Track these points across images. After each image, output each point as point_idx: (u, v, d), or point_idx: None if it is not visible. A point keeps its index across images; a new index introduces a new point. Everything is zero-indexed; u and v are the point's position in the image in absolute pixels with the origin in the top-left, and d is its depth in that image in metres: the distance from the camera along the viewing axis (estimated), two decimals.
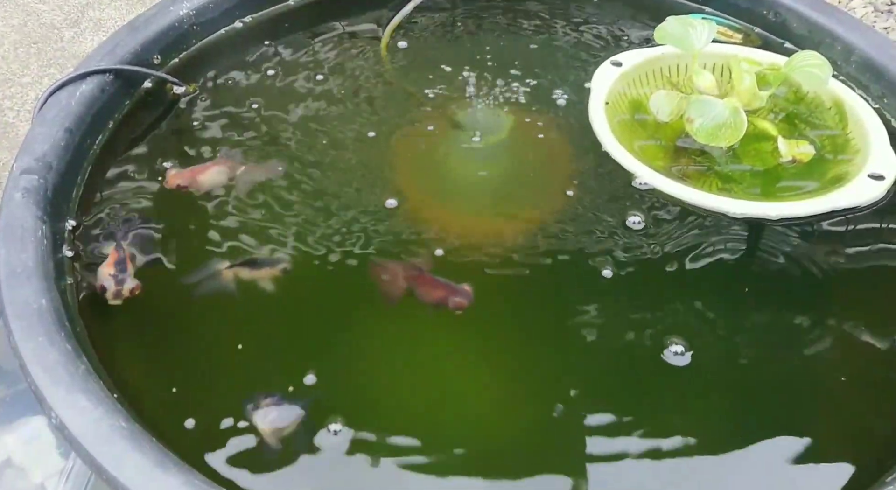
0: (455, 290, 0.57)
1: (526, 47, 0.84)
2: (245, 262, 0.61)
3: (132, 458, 0.45)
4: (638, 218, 0.66)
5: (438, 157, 0.73)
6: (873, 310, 0.61)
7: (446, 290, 0.57)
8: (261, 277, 0.60)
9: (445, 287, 0.57)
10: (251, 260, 0.61)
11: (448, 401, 0.54)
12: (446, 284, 0.57)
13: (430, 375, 0.56)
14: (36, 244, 0.56)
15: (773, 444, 0.51)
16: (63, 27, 1.61)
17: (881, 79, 0.75)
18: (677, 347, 0.56)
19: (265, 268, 0.60)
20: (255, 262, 0.61)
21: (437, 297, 0.57)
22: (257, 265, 0.61)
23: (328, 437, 0.51)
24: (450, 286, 0.57)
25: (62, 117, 0.66)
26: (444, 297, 0.57)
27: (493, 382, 0.55)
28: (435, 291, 0.57)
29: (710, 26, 0.76)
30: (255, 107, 0.76)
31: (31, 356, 0.49)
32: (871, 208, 0.67)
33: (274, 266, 0.61)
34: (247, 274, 0.60)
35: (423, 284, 0.58)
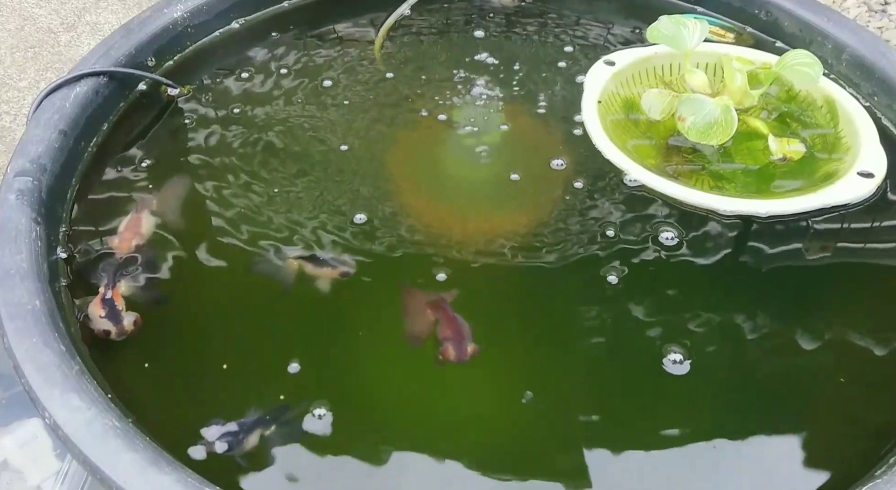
0: (458, 341, 0.55)
1: (519, 47, 0.84)
2: (311, 257, 0.61)
3: (126, 457, 0.45)
4: (633, 215, 0.66)
5: (434, 158, 0.73)
6: (864, 307, 0.61)
7: (453, 335, 0.56)
8: (322, 275, 0.60)
9: (454, 332, 0.56)
10: (316, 256, 0.61)
11: (448, 407, 0.54)
12: (456, 330, 0.56)
13: (436, 381, 0.56)
14: (30, 246, 0.56)
15: (766, 440, 0.52)
16: (60, 31, 1.62)
17: (872, 77, 0.76)
18: (676, 354, 0.55)
19: (327, 268, 0.60)
20: (319, 260, 0.61)
21: (442, 335, 0.56)
22: (321, 263, 0.61)
23: (326, 436, 0.51)
24: (458, 334, 0.56)
25: (57, 119, 0.66)
26: (447, 339, 0.55)
27: (493, 386, 0.55)
28: (445, 330, 0.56)
29: (702, 25, 0.76)
30: (249, 108, 0.76)
31: (25, 357, 0.49)
32: (860, 206, 0.67)
33: (335, 268, 0.60)
34: (311, 269, 0.60)
35: (443, 320, 0.57)
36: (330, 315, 0.59)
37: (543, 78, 0.80)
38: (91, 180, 0.68)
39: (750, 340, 0.58)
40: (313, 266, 0.61)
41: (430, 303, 0.57)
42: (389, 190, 0.69)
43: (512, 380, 0.55)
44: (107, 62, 0.73)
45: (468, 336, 0.56)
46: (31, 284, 0.54)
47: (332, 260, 0.61)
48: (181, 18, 0.80)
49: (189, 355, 0.56)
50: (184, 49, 0.81)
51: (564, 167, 0.71)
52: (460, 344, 0.55)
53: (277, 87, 0.79)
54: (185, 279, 0.61)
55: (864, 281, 0.63)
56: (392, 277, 0.61)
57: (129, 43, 0.75)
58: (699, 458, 0.51)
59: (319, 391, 0.53)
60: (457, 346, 0.55)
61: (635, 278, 0.61)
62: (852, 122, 0.73)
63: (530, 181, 0.70)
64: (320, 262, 0.61)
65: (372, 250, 0.63)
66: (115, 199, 0.67)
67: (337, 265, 0.61)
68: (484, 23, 0.88)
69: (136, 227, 0.63)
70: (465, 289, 0.60)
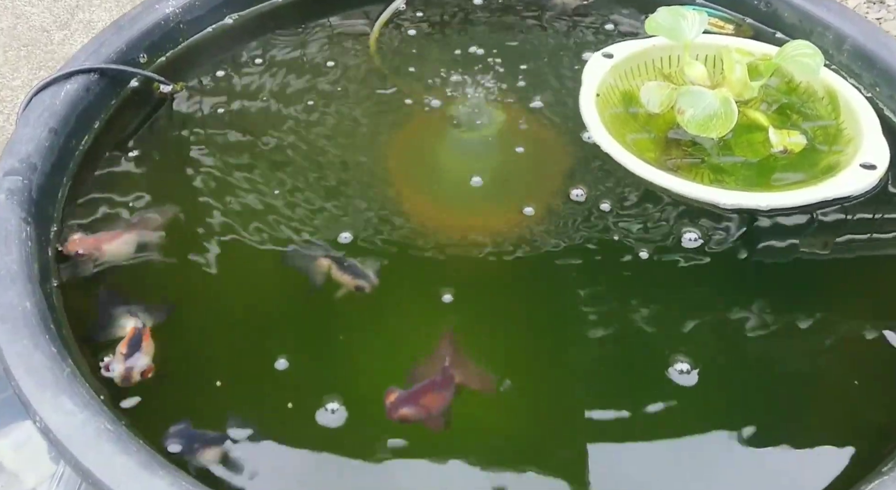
0: (407, 400, 0.51)
1: (516, 39, 0.83)
2: (341, 259, 0.59)
3: (118, 460, 0.44)
4: (634, 210, 0.65)
5: (430, 151, 0.73)
6: (867, 300, 0.60)
7: (413, 395, 0.51)
8: (344, 283, 0.58)
9: (417, 394, 0.51)
10: (342, 260, 0.59)
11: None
12: (421, 395, 0.51)
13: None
14: (20, 246, 0.55)
15: (771, 436, 0.51)
16: (53, 29, 1.60)
17: (873, 67, 0.75)
18: (682, 365, 0.54)
19: (347, 275, 0.58)
20: (343, 265, 0.59)
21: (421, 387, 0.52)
22: (344, 268, 0.59)
23: (323, 436, 0.50)
24: (415, 397, 0.51)
25: (46, 118, 0.65)
26: (416, 392, 0.51)
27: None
28: (423, 389, 0.51)
29: (701, 17, 0.75)
30: (243, 105, 0.75)
31: (16, 359, 0.48)
32: (862, 198, 0.66)
33: (356, 278, 0.58)
34: (337, 273, 0.59)
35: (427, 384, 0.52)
36: (321, 312, 0.58)
37: (542, 70, 0.79)
38: (83, 179, 0.67)
39: (750, 335, 0.57)
40: (337, 268, 0.59)
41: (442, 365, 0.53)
42: (386, 184, 0.68)
43: (517, 382, 0.55)
44: (97, 59, 0.72)
45: (421, 407, 0.51)
46: (22, 286, 0.53)
47: (354, 268, 0.59)
48: (173, 14, 0.79)
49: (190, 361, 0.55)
50: (176, 45, 0.80)
51: (562, 160, 0.70)
52: (404, 402, 0.50)
53: (272, 82, 0.78)
54: (191, 283, 0.60)
55: (869, 274, 0.62)
56: (393, 277, 0.60)
57: (120, 39, 0.74)
58: (702, 457, 0.50)
59: (325, 387, 0.53)
60: (401, 401, 0.50)
61: (629, 271, 0.61)
62: (854, 114, 0.72)
63: (526, 174, 0.70)
64: (343, 267, 0.59)
65: (369, 246, 0.62)
66: (107, 198, 0.66)
67: (356, 275, 0.58)
68: (480, 16, 0.87)
69: (99, 241, 0.60)
70: (468, 287, 0.59)
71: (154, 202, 0.66)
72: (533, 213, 0.65)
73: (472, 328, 0.57)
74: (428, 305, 0.58)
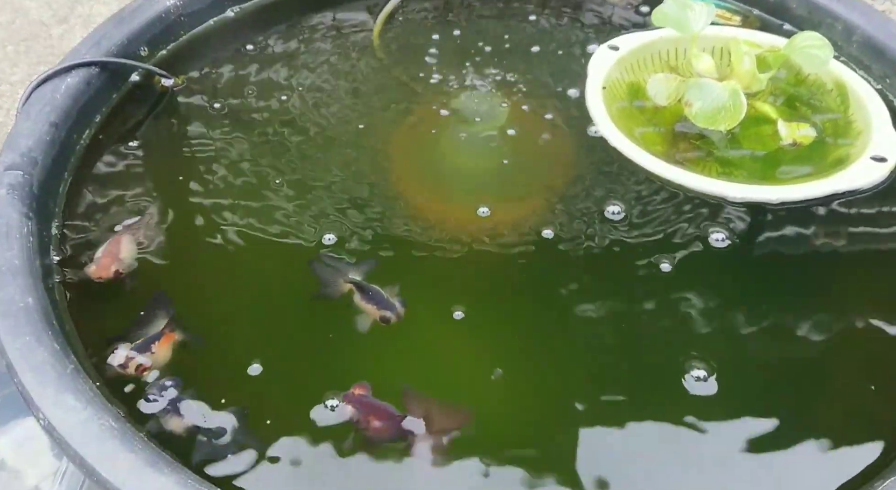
0: (373, 424, 0.50)
1: (521, 32, 0.83)
2: (363, 286, 0.56)
3: (123, 458, 0.44)
4: (636, 206, 0.64)
5: (435, 147, 0.72)
6: (879, 295, 0.59)
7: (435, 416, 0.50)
8: (367, 312, 0.55)
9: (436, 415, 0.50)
10: (367, 288, 0.56)
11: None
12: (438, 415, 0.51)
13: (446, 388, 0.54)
14: (22, 241, 0.55)
15: (783, 435, 0.51)
16: (52, 24, 1.59)
17: (883, 58, 0.74)
18: (693, 365, 0.54)
19: (371, 304, 0.55)
20: (368, 293, 0.55)
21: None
22: (368, 297, 0.55)
23: (323, 435, 0.50)
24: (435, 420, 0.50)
25: (47, 112, 0.65)
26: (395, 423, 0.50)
27: (501, 386, 0.53)
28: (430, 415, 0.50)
29: (708, 8, 0.74)
30: (245, 99, 0.75)
31: (18, 356, 0.48)
32: (873, 191, 0.65)
33: (381, 308, 0.55)
34: (360, 301, 0.55)
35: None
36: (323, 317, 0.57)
37: (547, 63, 0.78)
38: (84, 174, 0.66)
39: (757, 330, 0.56)
40: (361, 296, 0.55)
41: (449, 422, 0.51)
42: (390, 179, 0.67)
43: (522, 381, 0.54)
44: (98, 52, 0.71)
45: (367, 420, 0.50)
46: (24, 281, 0.52)
47: (380, 297, 0.55)
48: (174, 7, 0.78)
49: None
50: (177, 38, 0.79)
51: (568, 154, 0.69)
52: (358, 404, 0.50)
53: (274, 76, 0.77)
54: (195, 282, 0.59)
55: (881, 268, 0.62)
56: (391, 274, 0.59)
57: (120, 32, 0.73)
58: (714, 457, 0.50)
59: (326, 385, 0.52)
60: (357, 402, 0.50)
61: (633, 263, 0.60)
62: (864, 106, 0.71)
63: (533, 169, 0.69)
64: (368, 296, 0.55)
65: (372, 239, 0.61)
66: (109, 193, 0.65)
67: (383, 306, 0.55)
68: (484, 8, 0.86)
69: (114, 252, 0.58)
70: (477, 282, 0.58)
71: (152, 196, 0.65)
72: (539, 211, 0.64)
73: (480, 327, 0.56)
74: (436, 310, 0.58)
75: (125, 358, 0.52)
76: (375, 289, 0.56)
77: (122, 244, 0.59)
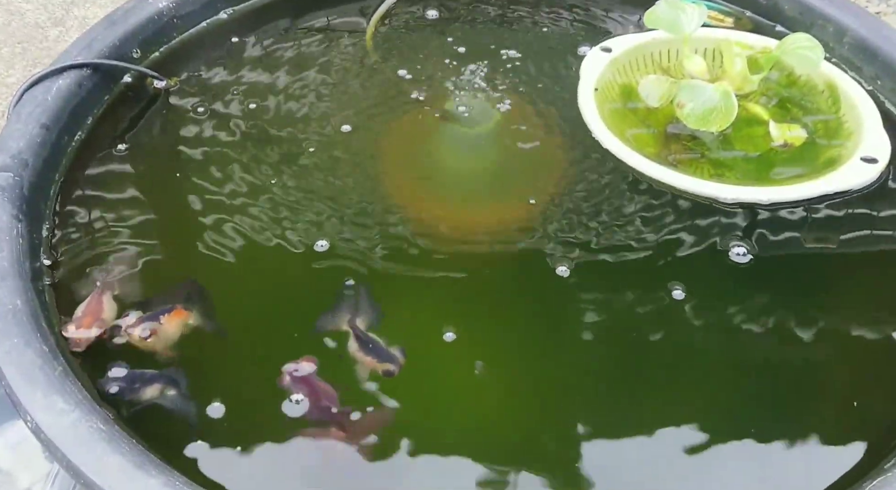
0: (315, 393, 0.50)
1: (514, 33, 0.83)
2: (360, 337, 0.53)
3: (111, 460, 0.44)
4: (630, 208, 0.64)
5: (427, 147, 0.72)
6: (869, 294, 0.59)
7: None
8: (366, 364, 0.52)
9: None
10: (365, 338, 0.53)
11: (448, 412, 0.53)
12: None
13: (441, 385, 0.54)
14: (11, 244, 0.55)
15: (773, 435, 0.51)
16: (48, 26, 1.59)
17: (874, 60, 0.74)
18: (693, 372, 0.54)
19: (372, 356, 0.52)
20: (368, 345, 0.52)
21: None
22: (368, 349, 0.52)
23: (323, 437, 0.50)
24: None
25: (38, 113, 0.64)
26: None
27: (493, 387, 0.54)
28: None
29: (700, 10, 0.75)
30: (238, 100, 0.75)
31: (6, 358, 0.48)
32: (863, 191, 0.65)
33: (383, 361, 0.52)
34: (355, 349, 0.52)
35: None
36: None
37: (540, 64, 0.78)
38: (75, 176, 0.66)
39: (750, 330, 0.56)
40: (358, 347, 0.53)
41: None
42: (381, 181, 0.67)
43: (518, 380, 0.54)
44: (90, 54, 0.71)
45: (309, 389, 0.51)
46: (13, 283, 0.52)
47: (380, 349, 0.52)
48: (167, 8, 0.78)
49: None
50: (170, 40, 0.79)
51: (560, 155, 0.69)
52: (297, 383, 0.51)
53: (267, 77, 0.77)
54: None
55: (871, 268, 0.62)
56: (391, 275, 0.59)
57: (112, 34, 0.73)
58: (703, 444, 0.50)
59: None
60: (296, 381, 0.51)
61: (628, 264, 0.60)
62: (855, 107, 0.71)
63: (525, 170, 0.69)
64: (368, 348, 0.52)
65: (364, 242, 0.61)
66: (101, 195, 0.65)
67: (384, 359, 0.52)
68: (477, 10, 0.86)
69: (97, 312, 0.55)
70: (468, 290, 0.58)
71: (144, 203, 0.65)
72: (534, 214, 0.64)
73: (474, 333, 0.56)
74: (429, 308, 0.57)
75: (134, 320, 0.53)
76: (374, 339, 0.53)
77: (103, 303, 0.55)
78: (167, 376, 0.52)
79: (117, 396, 0.50)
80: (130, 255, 0.60)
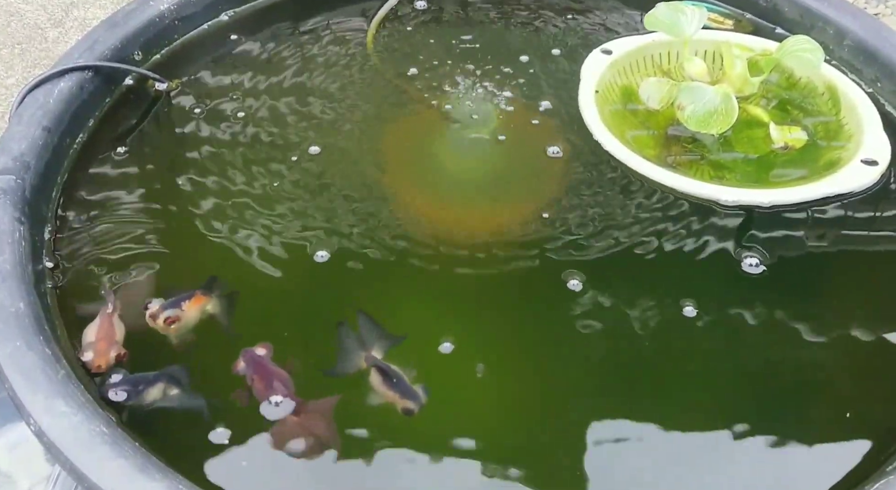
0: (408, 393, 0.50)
1: (514, 36, 0.83)
2: (388, 370, 0.51)
3: (114, 464, 0.44)
4: (630, 211, 0.65)
5: (428, 149, 0.72)
6: (870, 296, 0.60)
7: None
8: (385, 397, 0.50)
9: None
10: (389, 372, 0.51)
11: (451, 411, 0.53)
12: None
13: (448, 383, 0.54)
14: (13, 246, 0.55)
15: (775, 437, 0.51)
16: (47, 27, 1.59)
17: (874, 62, 0.74)
18: (690, 370, 0.54)
19: (393, 391, 0.50)
20: (391, 379, 0.50)
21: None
22: (392, 384, 0.50)
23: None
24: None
25: (40, 116, 0.65)
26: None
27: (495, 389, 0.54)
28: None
29: (700, 12, 0.75)
30: (239, 102, 0.75)
31: (9, 361, 0.48)
32: (864, 194, 0.66)
33: (405, 397, 0.50)
34: (378, 383, 0.51)
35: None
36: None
37: (540, 66, 0.79)
38: (77, 178, 0.66)
39: (750, 332, 0.56)
40: (382, 381, 0.51)
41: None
42: (384, 183, 0.67)
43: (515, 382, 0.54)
44: (91, 56, 0.71)
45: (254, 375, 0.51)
46: (15, 286, 0.52)
47: (404, 385, 0.50)
48: (168, 11, 0.78)
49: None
50: (171, 42, 0.79)
51: (561, 157, 0.69)
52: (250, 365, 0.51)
53: (268, 80, 0.77)
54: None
55: (871, 270, 0.62)
56: (389, 275, 0.60)
57: (114, 36, 0.73)
58: (706, 457, 0.50)
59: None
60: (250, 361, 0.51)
61: (625, 264, 0.60)
62: (855, 109, 0.71)
63: (526, 172, 0.69)
64: (391, 383, 0.51)
65: (367, 243, 0.61)
66: (103, 197, 0.65)
67: (407, 395, 0.50)
68: (477, 11, 0.86)
69: (110, 335, 0.54)
70: (473, 296, 0.58)
71: (143, 205, 0.65)
72: (534, 217, 0.64)
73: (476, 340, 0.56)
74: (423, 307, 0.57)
75: (157, 309, 0.55)
76: (399, 374, 0.51)
77: (114, 325, 0.55)
78: (168, 374, 0.52)
79: (122, 402, 0.50)
80: (132, 257, 0.60)
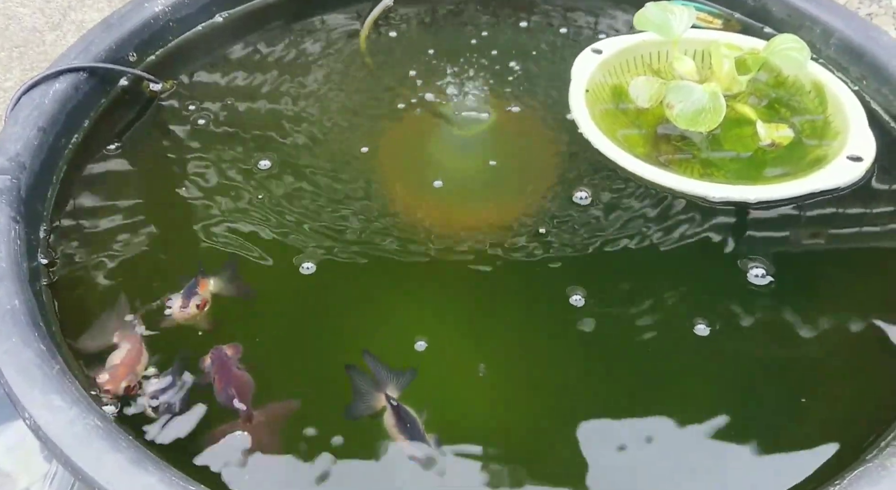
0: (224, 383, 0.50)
1: (506, 36, 0.84)
2: (403, 412, 0.50)
3: (109, 457, 0.44)
4: (624, 209, 0.65)
5: (421, 149, 0.73)
6: (853, 291, 0.60)
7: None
8: (395, 438, 0.49)
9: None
10: (409, 417, 0.50)
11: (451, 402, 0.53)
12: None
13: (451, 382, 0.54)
14: (9, 245, 0.55)
15: (754, 427, 0.51)
16: (45, 30, 1.60)
17: (860, 61, 0.75)
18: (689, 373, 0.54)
19: (405, 437, 0.49)
20: (407, 425, 0.49)
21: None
22: (404, 426, 0.49)
23: (322, 441, 0.50)
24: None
25: (35, 116, 0.65)
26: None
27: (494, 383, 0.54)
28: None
29: (689, 12, 0.76)
30: (233, 103, 0.75)
31: (5, 357, 0.48)
32: (850, 189, 0.66)
33: (413, 440, 0.49)
34: (391, 423, 0.49)
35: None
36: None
37: (532, 66, 0.79)
38: (72, 178, 0.67)
39: (736, 326, 0.57)
40: (395, 422, 0.50)
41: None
42: (378, 183, 0.68)
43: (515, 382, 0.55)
44: (86, 57, 0.72)
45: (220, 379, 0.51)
46: (10, 284, 0.53)
47: (416, 429, 0.49)
48: (162, 12, 0.79)
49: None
50: (166, 44, 0.80)
51: (552, 156, 0.70)
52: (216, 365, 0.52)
53: (262, 80, 0.78)
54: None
55: (856, 264, 0.63)
56: (388, 275, 0.60)
57: (109, 38, 0.74)
58: (693, 439, 0.51)
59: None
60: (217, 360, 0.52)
61: (620, 263, 0.61)
62: (841, 107, 0.72)
63: (518, 171, 0.70)
64: (404, 426, 0.49)
65: (358, 242, 0.62)
66: (98, 197, 0.66)
67: (417, 439, 0.49)
68: (470, 12, 0.87)
69: (133, 363, 0.53)
70: (469, 297, 0.59)
71: (143, 204, 0.65)
72: (526, 217, 0.65)
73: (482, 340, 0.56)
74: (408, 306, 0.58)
75: (182, 300, 0.56)
76: (414, 419, 0.50)
77: (143, 354, 0.54)
78: (170, 373, 0.53)
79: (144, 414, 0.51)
80: (125, 256, 0.61)
